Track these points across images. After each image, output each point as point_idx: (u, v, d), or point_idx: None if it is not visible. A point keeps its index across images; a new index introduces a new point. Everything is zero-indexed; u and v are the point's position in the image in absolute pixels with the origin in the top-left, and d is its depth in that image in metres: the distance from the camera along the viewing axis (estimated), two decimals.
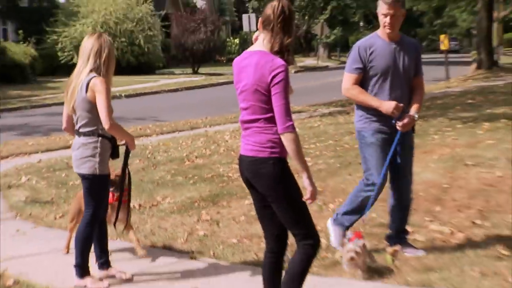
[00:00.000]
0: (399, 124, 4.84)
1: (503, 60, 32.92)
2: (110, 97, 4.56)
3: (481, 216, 5.82)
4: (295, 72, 34.33)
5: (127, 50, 31.77)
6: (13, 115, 18.47)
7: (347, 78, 4.99)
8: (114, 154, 4.76)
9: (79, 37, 28.22)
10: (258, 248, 5.39)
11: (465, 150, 8.46)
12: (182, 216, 6.57)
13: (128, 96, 22.77)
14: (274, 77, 3.44)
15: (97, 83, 4.52)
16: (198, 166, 9.21)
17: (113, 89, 21.43)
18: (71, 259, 4.76)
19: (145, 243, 5.56)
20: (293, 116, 3.52)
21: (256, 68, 3.51)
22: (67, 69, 19.66)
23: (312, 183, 3.50)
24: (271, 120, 3.49)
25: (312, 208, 3.71)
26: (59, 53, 29.89)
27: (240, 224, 6.15)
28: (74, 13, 32.00)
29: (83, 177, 4.67)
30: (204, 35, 33.16)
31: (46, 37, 31.77)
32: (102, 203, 4.73)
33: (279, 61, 3.47)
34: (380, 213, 5.79)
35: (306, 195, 3.51)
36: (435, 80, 22.92)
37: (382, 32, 4.95)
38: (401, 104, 4.79)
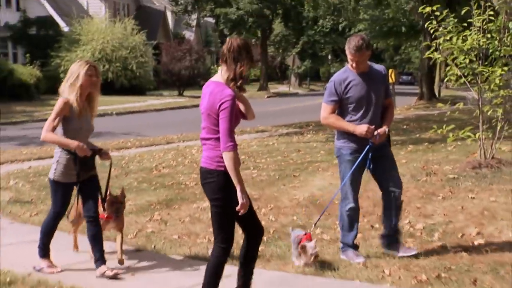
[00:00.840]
0: (372, 140, 4.91)
1: (444, 93, 33.68)
2: (59, 115, 4.67)
3: (380, 221, 6.17)
4: (267, 97, 34.80)
5: (121, 74, 32.14)
6: (16, 128, 18.59)
7: (325, 108, 5.02)
8: (81, 164, 4.77)
9: None
10: (193, 243, 5.73)
11: None
12: (137, 216, 6.88)
13: (119, 114, 22.98)
14: (221, 104, 3.71)
15: (57, 102, 4.81)
16: (163, 175, 9.49)
17: (105, 107, 21.45)
18: (35, 249, 5.04)
19: None
20: (256, 134, 3.88)
21: (210, 96, 3.79)
22: None
23: (243, 196, 3.70)
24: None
25: None
26: (62, 75, 30.03)
27: (184, 224, 6.47)
28: (76, 41, 32.34)
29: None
30: (189, 62, 33.63)
31: (51, 61, 32.01)
32: (63, 205, 4.92)
33: (227, 91, 3.73)
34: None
35: (238, 206, 3.75)
36: None
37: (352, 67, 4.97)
38: (373, 126, 4.86)
